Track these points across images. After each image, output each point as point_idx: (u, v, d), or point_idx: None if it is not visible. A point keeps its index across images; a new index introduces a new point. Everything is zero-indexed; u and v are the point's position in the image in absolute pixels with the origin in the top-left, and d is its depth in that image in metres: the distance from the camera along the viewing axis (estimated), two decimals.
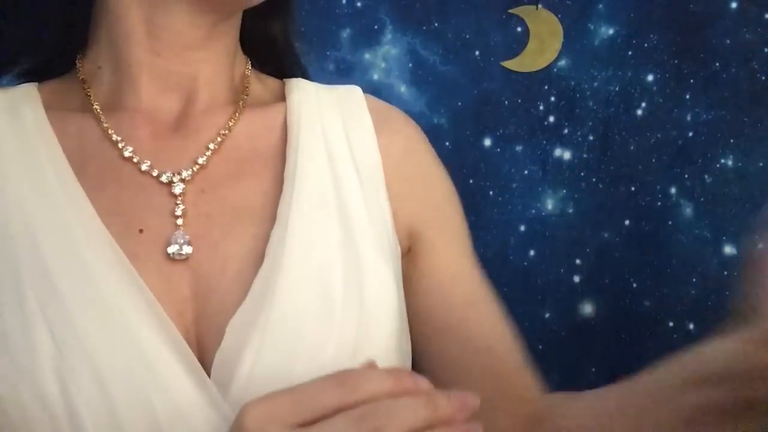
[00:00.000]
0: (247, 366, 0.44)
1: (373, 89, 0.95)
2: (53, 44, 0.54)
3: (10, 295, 0.44)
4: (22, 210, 0.46)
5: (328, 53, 0.68)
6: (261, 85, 0.58)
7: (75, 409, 0.41)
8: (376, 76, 0.95)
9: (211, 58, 0.53)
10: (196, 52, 0.52)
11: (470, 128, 0.93)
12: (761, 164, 0.87)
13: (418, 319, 0.55)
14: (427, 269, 0.55)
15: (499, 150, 0.93)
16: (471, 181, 0.96)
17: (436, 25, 0.93)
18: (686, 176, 0.89)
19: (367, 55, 0.94)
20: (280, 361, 0.44)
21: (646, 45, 0.89)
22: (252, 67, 0.59)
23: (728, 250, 0.91)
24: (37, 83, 0.54)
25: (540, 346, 0.94)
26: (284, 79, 0.58)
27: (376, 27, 0.94)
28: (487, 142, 0.94)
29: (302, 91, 0.56)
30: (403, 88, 0.94)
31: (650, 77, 0.89)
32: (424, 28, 0.93)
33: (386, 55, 0.94)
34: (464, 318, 0.56)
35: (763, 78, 0.86)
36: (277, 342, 0.44)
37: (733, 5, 0.87)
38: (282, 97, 0.56)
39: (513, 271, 0.92)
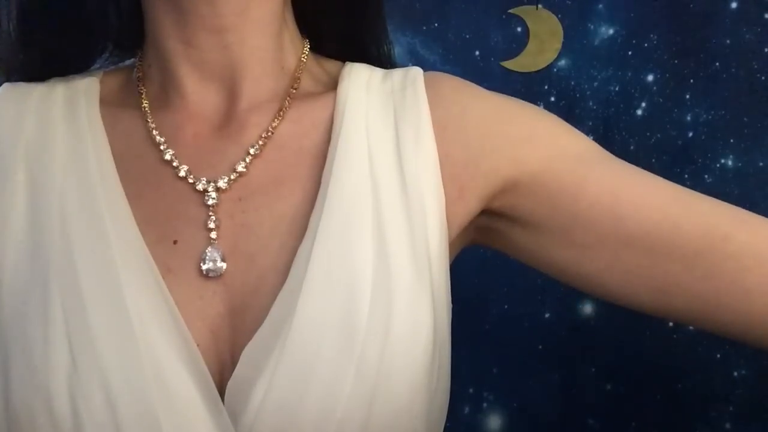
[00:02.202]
0: (259, 396, 0.41)
1: None
2: (103, 43, 0.53)
3: (37, 303, 0.42)
4: (62, 209, 0.45)
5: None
6: (319, 71, 0.53)
7: (82, 429, 0.40)
8: None
9: (246, 42, 0.48)
10: (225, 35, 0.48)
11: None
12: (761, 164, 0.87)
13: (568, 248, 0.48)
14: (546, 196, 0.49)
15: None
16: None
17: (436, 25, 0.93)
18: (686, 176, 0.89)
19: None
20: (292, 393, 0.41)
21: (646, 45, 0.89)
22: (324, 50, 0.54)
23: None
24: (101, 74, 0.53)
25: (540, 346, 0.94)
26: (345, 63, 0.53)
27: None
28: None
29: (353, 80, 0.50)
30: None
31: (650, 77, 0.89)
32: (424, 28, 0.93)
33: None
34: (620, 213, 0.48)
35: (763, 78, 0.86)
36: (291, 372, 0.41)
37: (733, 5, 0.87)
38: (331, 88, 0.51)
39: (513, 271, 0.92)
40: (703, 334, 0.91)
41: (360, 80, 0.51)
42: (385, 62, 0.58)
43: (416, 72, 0.52)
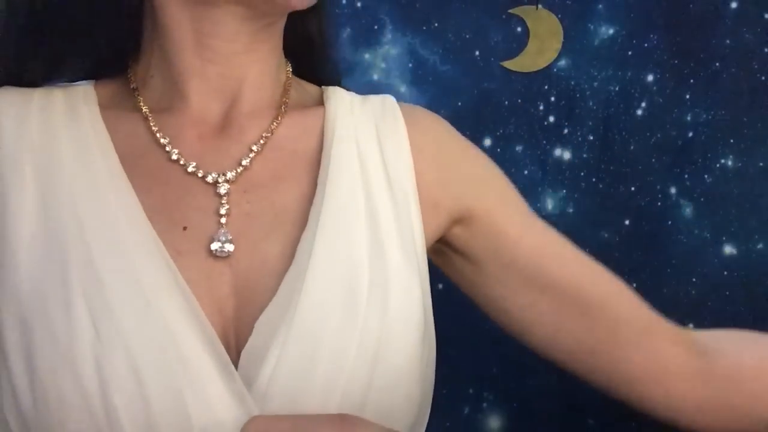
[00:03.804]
0: (272, 363, 0.45)
1: (373, 89, 0.94)
2: (106, 52, 0.56)
3: (56, 283, 0.45)
4: (73, 203, 0.48)
5: (328, 48, 0.68)
6: (301, 89, 0.60)
7: (109, 396, 0.43)
8: (376, 76, 0.95)
9: (259, 61, 0.54)
10: (244, 56, 0.53)
11: (470, 128, 0.93)
12: (761, 164, 0.87)
13: (503, 278, 0.57)
14: (489, 232, 0.57)
15: (499, 150, 0.94)
16: None
17: (436, 25, 0.93)
18: (686, 176, 0.89)
19: (367, 55, 0.94)
20: (303, 359, 0.46)
21: (646, 45, 0.89)
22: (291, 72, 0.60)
23: (728, 250, 0.91)
24: (94, 82, 0.56)
25: None
26: (322, 86, 0.60)
27: (376, 27, 0.94)
28: (487, 142, 0.94)
29: (338, 100, 0.58)
30: (403, 88, 0.94)
31: (650, 77, 0.89)
32: (424, 28, 0.93)
33: (386, 55, 0.94)
34: (539, 265, 0.58)
35: (763, 78, 0.86)
36: (301, 341, 0.46)
37: (733, 5, 0.87)
38: (319, 103, 0.59)
39: None
40: None
41: (345, 100, 0.58)
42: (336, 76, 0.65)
43: (392, 98, 0.61)
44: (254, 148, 0.53)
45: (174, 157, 0.52)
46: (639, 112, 0.90)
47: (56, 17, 0.53)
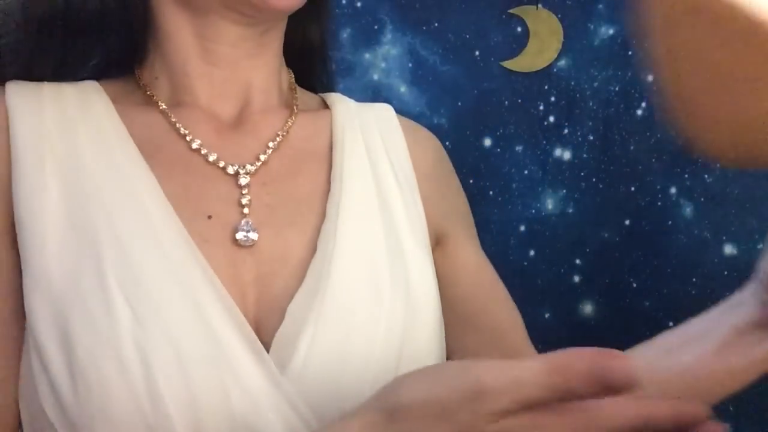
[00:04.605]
0: (305, 347, 0.47)
1: (373, 89, 0.95)
2: (115, 53, 0.57)
3: (90, 270, 0.47)
4: (99, 193, 0.49)
5: (328, 53, 0.69)
6: (303, 94, 0.63)
7: (153, 377, 0.44)
8: (376, 76, 0.95)
9: (263, 65, 0.57)
10: (248, 60, 0.56)
11: (470, 128, 0.93)
12: None
13: (445, 306, 0.59)
14: (454, 262, 0.60)
15: (499, 150, 0.94)
16: (471, 181, 0.96)
17: (436, 25, 0.93)
18: (686, 176, 0.89)
19: (367, 55, 0.94)
20: (335, 342, 0.48)
21: (646, 45, 0.89)
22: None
23: (728, 250, 0.91)
24: (96, 80, 0.57)
25: (540, 346, 0.94)
26: (321, 94, 0.64)
27: (376, 27, 0.94)
28: (487, 142, 0.94)
29: (343, 104, 0.61)
30: (403, 88, 0.94)
31: (650, 77, 0.89)
32: (424, 28, 0.93)
33: (386, 55, 0.94)
34: (484, 304, 0.61)
35: None
36: (332, 324, 0.48)
37: None
38: (322, 107, 0.62)
39: (513, 271, 0.92)
40: None
41: (349, 104, 0.61)
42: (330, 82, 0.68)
43: (390, 107, 0.64)
44: (271, 145, 0.55)
45: (195, 146, 0.53)
46: (639, 112, 0.90)
47: (69, 17, 0.54)
